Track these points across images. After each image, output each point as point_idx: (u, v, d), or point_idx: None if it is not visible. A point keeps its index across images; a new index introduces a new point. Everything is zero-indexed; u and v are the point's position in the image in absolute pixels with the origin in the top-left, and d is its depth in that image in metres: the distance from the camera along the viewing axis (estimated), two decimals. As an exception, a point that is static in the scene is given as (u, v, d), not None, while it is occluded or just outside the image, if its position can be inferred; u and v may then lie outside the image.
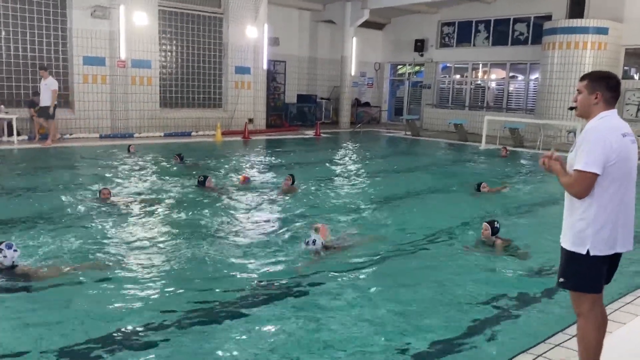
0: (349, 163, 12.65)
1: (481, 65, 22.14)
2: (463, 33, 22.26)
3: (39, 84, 13.33)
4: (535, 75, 20.11)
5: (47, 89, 12.99)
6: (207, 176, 8.76)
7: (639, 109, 17.01)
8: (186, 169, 10.48)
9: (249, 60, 18.16)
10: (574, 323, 3.28)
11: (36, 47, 14.25)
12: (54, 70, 14.58)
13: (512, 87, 21.60)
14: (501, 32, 21.01)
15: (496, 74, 22.22)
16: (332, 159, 12.94)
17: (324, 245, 5.44)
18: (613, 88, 3.02)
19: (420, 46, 23.19)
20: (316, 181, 9.73)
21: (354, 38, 21.58)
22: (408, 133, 19.64)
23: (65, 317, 3.92)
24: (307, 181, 9.52)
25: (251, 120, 18.21)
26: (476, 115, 20.50)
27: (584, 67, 16.61)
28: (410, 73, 24.84)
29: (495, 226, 5.92)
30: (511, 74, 21.46)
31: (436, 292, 4.64)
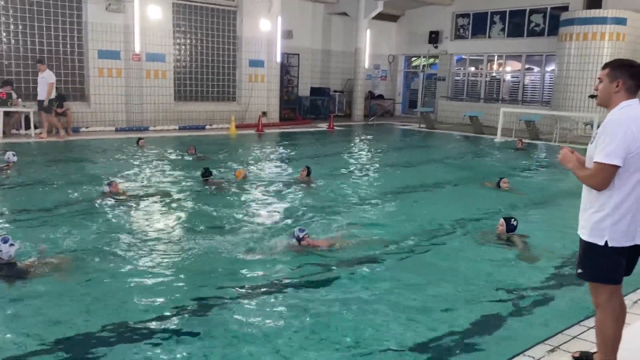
0: (363, 156, 12.62)
1: (496, 57, 21.93)
2: (478, 24, 22.05)
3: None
4: (551, 67, 19.86)
5: (44, 82, 12.82)
6: (208, 170, 8.63)
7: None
8: (198, 162, 10.49)
9: (263, 53, 18.17)
10: (593, 315, 3.25)
11: (52, 41, 14.39)
12: (70, 64, 14.75)
13: (528, 79, 21.37)
14: (517, 24, 20.78)
15: (512, 66, 21.99)
16: (346, 152, 12.92)
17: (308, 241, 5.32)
18: (635, 76, 2.95)
19: (434, 38, 23.02)
20: (330, 174, 9.73)
21: (368, 30, 21.47)
22: (422, 126, 19.52)
23: (66, 312, 3.89)
24: (321, 174, 9.51)
25: (265, 113, 18.23)
26: (491, 107, 20.33)
27: (602, 59, 16.37)
28: (424, 65, 24.69)
29: (511, 223, 5.75)
30: (527, 66, 21.23)
31: (450, 284, 4.63)
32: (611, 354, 3.07)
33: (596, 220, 2.94)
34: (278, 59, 18.54)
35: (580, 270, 3.06)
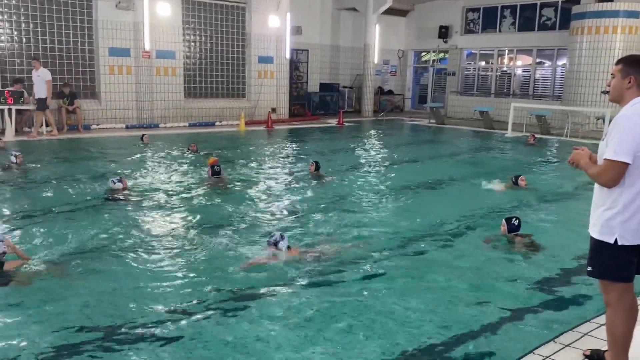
0: (372, 152, 12.59)
1: (507, 51, 21.77)
2: (488, 19, 21.89)
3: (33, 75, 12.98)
4: (562, 61, 19.68)
5: (41, 80, 12.79)
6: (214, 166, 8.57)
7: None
8: (201, 159, 10.43)
9: (272, 49, 18.18)
10: (604, 312, 3.24)
11: (63, 39, 14.48)
12: (80, 61, 14.85)
13: (539, 74, 21.20)
14: (528, 18, 20.60)
15: (522, 60, 21.82)
16: (355, 148, 12.90)
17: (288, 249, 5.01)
18: (648, 72, 2.92)
19: (444, 33, 22.89)
20: (340, 170, 9.73)
21: (377, 25, 21.40)
22: (432, 121, 19.44)
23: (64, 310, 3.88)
24: (331, 170, 9.53)
25: (274, 109, 18.26)
26: (502, 102, 20.21)
27: (614, 53, 16.22)
28: (434, 60, 24.56)
29: (512, 223, 5.69)
30: (538, 60, 21.04)
31: (457, 283, 4.61)
32: (622, 353, 3.06)
33: (606, 218, 2.92)
34: (287, 55, 18.54)
35: (590, 267, 3.05)
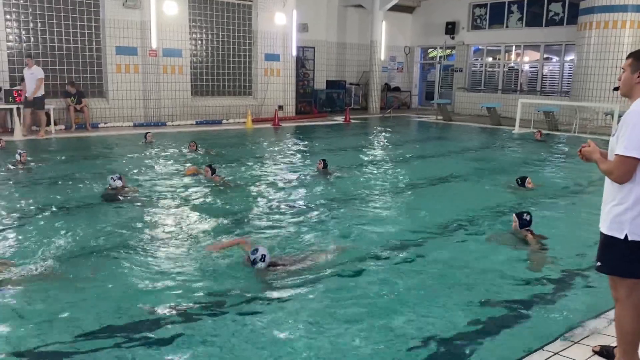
0: (379, 149, 12.59)
1: (514, 47, 21.66)
2: (495, 14, 21.77)
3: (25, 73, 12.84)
4: (570, 56, 19.56)
5: (34, 78, 12.70)
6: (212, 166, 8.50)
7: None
8: (200, 158, 10.41)
9: (278, 47, 18.18)
10: (613, 308, 3.22)
11: (70, 39, 14.55)
12: (88, 60, 14.92)
13: (547, 69, 21.08)
14: (535, 13, 20.47)
15: (530, 56, 21.71)
16: (362, 145, 12.89)
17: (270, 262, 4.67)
18: (657, 67, 2.91)
19: (451, 29, 22.79)
20: (347, 167, 9.73)
21: (384, 22, 21.34)
22: (439, 118, 19.39)
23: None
24: (338, 167, 9.53)
25: (281, 107, 18.27)
26: (509, 98, 20.12)
27: (623, 48, 16.08)
28: (441, 56, 24.47)
29: (524, 218, 5.61)
30: (545, 56, 20.92)
31: (466, 279, 4.61)
32: (631, 349, 3.04)
33: (616, 213, 2.91)
34: (294, 53, 18.54)
35: (599, 263, 3.04)
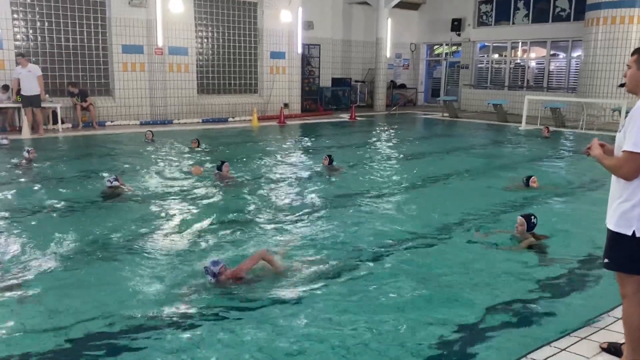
0: (385, 146, 12.57)
1: (520, 43, 21.55)
2: (501, 11, 21.67)
3: (20, 73, 12.57)
4: (577, 52, 19.45)
5: (32, 77, 12.51)
6: (225, 162, 8.43)
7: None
8: (203, 155, 10.42)
9: (284, 45, 18.19)
10: (620, 305, 3.22)
11: (77, 37, 14.61)
12: (94, 59, 14.97)
13: (553, 66, 20.97)
14: (541, 9, 20.34)
15: (536, 53, 21.59)
16: (368, 143, 12.89)
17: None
18: (663, 63, 2.90)
19: (457, 26, 22.71)
20: (353, 164, 9.73)
21: (389, 19, 21.30)
22: (445, 115, 19.34)
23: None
24: (343, 164, 9.54)
25: (287, 105, 18.28)
26: (516, 95, 20.04)
27: (630, 43, 15.98)
28: (447, 53, 24.40)
29: (532, 221, 5.38)
30: (552, 52, 20.81)
31: (471, 279, 4.60)
32: (639, 345, 3.04)
33: (624, 210, 2.90)
34: (299, 50, 18.54)
35: (606, 260, 3.03)
